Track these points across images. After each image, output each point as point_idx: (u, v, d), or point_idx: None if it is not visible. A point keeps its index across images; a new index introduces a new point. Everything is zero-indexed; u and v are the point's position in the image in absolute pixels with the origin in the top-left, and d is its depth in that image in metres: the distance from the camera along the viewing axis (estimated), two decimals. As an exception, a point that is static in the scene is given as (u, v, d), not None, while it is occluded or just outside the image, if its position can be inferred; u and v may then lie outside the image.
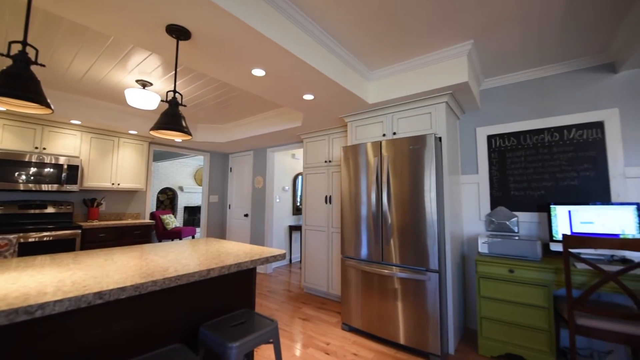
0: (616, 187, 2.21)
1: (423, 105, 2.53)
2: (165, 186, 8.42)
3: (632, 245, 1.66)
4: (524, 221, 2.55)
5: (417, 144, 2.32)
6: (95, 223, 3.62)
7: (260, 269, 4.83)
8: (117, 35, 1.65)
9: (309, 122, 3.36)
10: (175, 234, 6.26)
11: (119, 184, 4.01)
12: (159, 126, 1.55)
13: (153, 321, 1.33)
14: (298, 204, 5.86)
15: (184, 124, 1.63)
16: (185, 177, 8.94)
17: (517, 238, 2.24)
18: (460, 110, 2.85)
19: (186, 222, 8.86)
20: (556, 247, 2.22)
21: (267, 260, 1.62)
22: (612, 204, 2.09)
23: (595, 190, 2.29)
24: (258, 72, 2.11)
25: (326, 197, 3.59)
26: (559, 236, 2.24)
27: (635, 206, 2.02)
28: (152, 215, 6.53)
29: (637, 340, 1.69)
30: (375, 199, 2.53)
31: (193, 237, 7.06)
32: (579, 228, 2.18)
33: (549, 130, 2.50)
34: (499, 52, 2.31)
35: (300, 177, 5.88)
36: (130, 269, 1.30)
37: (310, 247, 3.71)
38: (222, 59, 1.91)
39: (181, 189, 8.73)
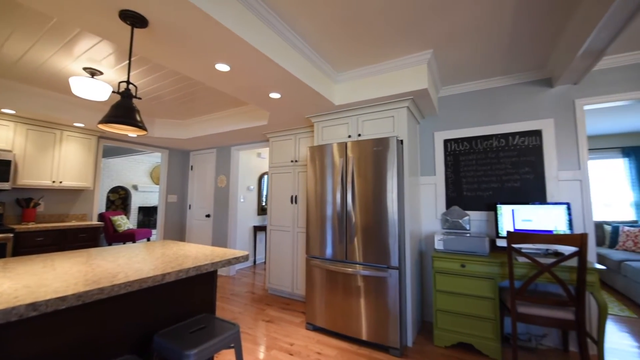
0: (551, 188, 2.49)
1: (386, 109, 2.63)
2: (116, 185, 7.76)
3: (563, 240, 1.89)
4: (475, 219, 2.77)
5: (380, 146, 2.41)
6: (32, 225, 3.22)
7: (222, 272, 4.66)
8: (61, 18, 1.48)
9: (275, 120, 3.31)
10: (127, 237, 5.80)
11: (61, 182, 3.61)
12: (108, 119, 1.43)
13: (101, 332, 1.22)
14: (264, 203, 5.76)
15: (137, 117, 1.51)
16: (140, 175, 8.32)
17: (468, 235, 2.42)
18: (420, 115, 3.01)
19: (141, 224, 8.25)
20: (501, 243, 2.44)
21: (229, 262, 1.57)
22: (548, 203, 2.35)
23: (534, 191, 2.55)
24: (222, 67, 2.03)
25: (292, 197, 3.57)
26: (504, 233, 2.46)
27: (566, 205, 2.29)
28: (101, 217, 5.98)
29: (567, 324, 1.92)
30: (341, 199, 2.57)
31: (148, 240, 6.60)
32: (520, 225, 2.42)
33: (496, 136, 2.74)
34: (455, 63, 2.48)
35: (266, 176, 5.79)
36: (72, 276, 1.18)
37: (275, 247, 3.67)
38: (183, 51, 1.81)
39: (135, 187, 8.11)
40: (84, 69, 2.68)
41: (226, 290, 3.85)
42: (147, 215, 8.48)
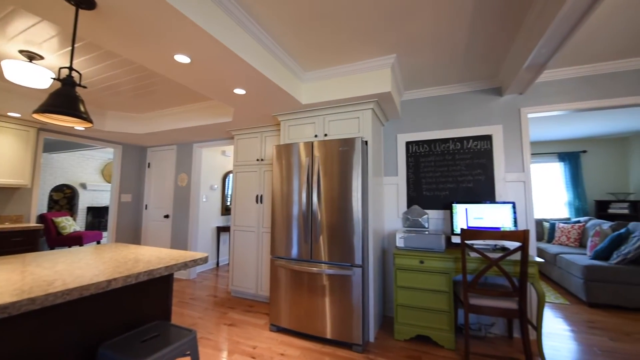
0: (499, 189, 2.71)
1: (352, 110, 2.68)
2: (61, 183, 7.01)
3: (508, 236, 2.06)
4: (433, 218, 2.92)
5: (346, 146, 2.44)
6: (-50, 229, 2.79)
7: (182, 275, 4.42)
8: (-14, -10, 1.30)
9: (240, 117, 3.22)
10: (73, 240, 5.27)
11: (-11, 179, 3.18)
12: (45, 108, 1.27)
13: (36, 346, 1.08)
14: (228, 203, 5.57)
15: (81, 108, 1.37)
16: (89, 172, 7.60)
17: (427, 233, 2.55)
18: (385, 118, 3.10)
19: (89, 226, 7.55)
20: (456, 240, 2.60)
21: (186, 265, 1.49)
22: (496, 202, 2.56)
23: (485, 191, 2.76)
24: (182, 59, 1.92)
25: (257, 196, 3.50)
26: (458, 230, 2.63)
27: (511, 205, 2.51)
28: (42, 218, 5.38)
29: (511, 313, 2.10)
30: (306, 199, 2.57)
31: (98, 243, 6.07)
32: (472, 223, 2.60)
33: (453, 140, 2.92)
34: (417, 69, 2.60)
35: (231, 175, 5.61)
36: (-3, 285, 1.04)
37: (239, 248, 3.56)
38: (137, 38, 1.68)
39: (83, 186, 7.41)
40: (21, 51, 2.38)
41: (186, 294, 3.66)
42: (97, 216, 7.78)
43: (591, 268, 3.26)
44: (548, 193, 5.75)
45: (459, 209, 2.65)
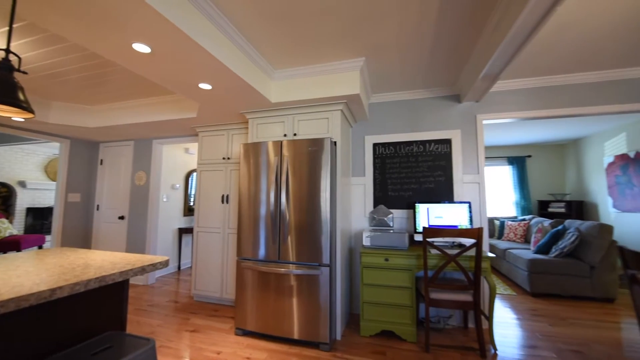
0: (457, 189, 2.90)
1: (322, 111, 2.70)
2: (-6, 180, 6.19)
3: (465, 233, 2.20)
4: (398, 217, 3.04)
5: (315, 146, 2.45)
6: None
7: (139, 280, 4.13)
8: None
9: (206, 114, 3.08)
10: (9, 245, 4.69)
11: None
12: (-25, 96, 1.12)
13: (-47, 369, 0.94)
14: (191, 203, 5.32)
15: (20, 96, 1.22)
16: (30, 169, 6.80)
17: (392, 231, 2.65)
18: (353, 119, 3.17)
19: (29, 229, 6.76)
20: (418, 238, 2.73)
21: (144, 270, 1.39)
22: (454, 202, 2.73)
23: (445, 192, 2.93)
24: (141, 48, 1.79)
25: (223, 196, 3.38)
26: (420, 228, 2.76)
27: (468, 204, 2.69)
28: (-32, 220, 4.71)
29: (467, 305, 2.25)
30: (275, 198, 2.53)
31: (40, 248, 5.45)
32: (433, 221, 2.74)
33: (416, 142, 3.06)
34: (385, 73, 2.68)
35: (195, 174, 5.35)
36: None
37: (204, 250, 3.41)
38: (88, 23, 1.54)
39: (22, 184, 6.61)
40: (-60, 28, 2.06)
41: (143, 301, 3.42)
42: (39, 218, 6.99)
43: (534, 261, 3.61)
44: (499, 193, 6.27)
45: (421, 209, 2.79)
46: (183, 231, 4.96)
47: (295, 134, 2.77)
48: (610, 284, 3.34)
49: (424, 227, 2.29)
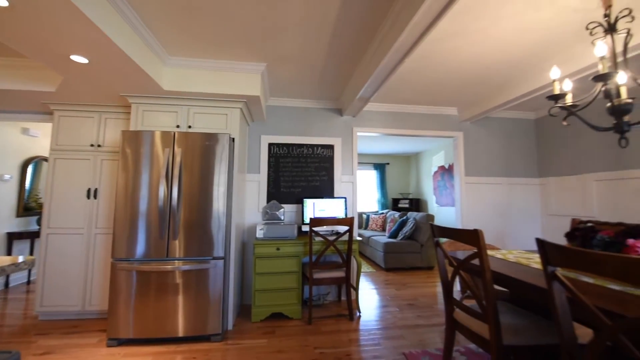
0: (337, 187, 3.48)
1: (221, 106, 2.72)
2: None
3: (341, 222, 2.72)
4: (288, 211, 3.38)
5: (212, 141, 2.46)
6: None
7: None
8: None
9: (71, 89, 2.55)
10: None
11: None
12: None
13: None
14: (28, 200, 4.11)
15: None
16: None
17: (282, 224, 2.94)
18: (251, 118, 3.30)
19: None
20: (305, 228, 3.14)
21: None
22: (334, 198, 3.28)
23: (328, 189, 3.46)
24: (-13, -2, 1.41)
25: (90, 190, 2.85)
26: (307, 220, 3.18)
27: (344, 199, 3.29)
28: None
29: (341, 280, 2.78)
30: (164, 193, 2.39)
31: None
32: (318, 214, 3.21)
33: (306, 145, 3.48)
34: (283, 80, 2.96)
35: (38, 162, 4.17)
36: None
37: (56, 257, 2.77)
38: None
39: None
40: None
41: (-53, 331, 2.48)
42: None
43: (387, 244, 4.68)
44: (366, 192, 7.64)
45: (309, 203, 3.22)
46: (15, 236, 3.79)
47: (190, 126, 2.68)
48: (432, 257, 4.73)
49: (310, 218, 2.69)
